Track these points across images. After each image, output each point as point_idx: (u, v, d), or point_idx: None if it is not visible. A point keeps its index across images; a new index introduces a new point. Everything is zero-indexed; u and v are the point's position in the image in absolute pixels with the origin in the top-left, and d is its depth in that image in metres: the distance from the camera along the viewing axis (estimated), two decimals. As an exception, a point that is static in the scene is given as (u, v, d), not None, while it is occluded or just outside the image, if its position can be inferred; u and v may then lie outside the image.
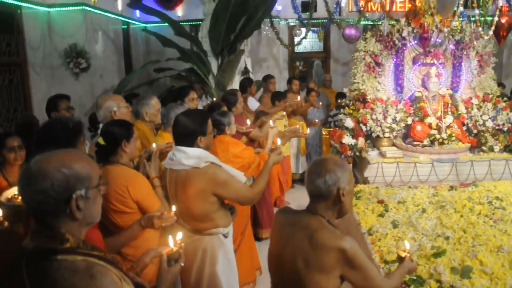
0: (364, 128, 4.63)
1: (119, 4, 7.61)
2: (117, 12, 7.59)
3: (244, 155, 3.40)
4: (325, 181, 1.80)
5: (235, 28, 6.66)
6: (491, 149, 4.51)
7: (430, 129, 4.52)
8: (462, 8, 3.92)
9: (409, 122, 4.68)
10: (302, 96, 6.65)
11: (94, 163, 1.39)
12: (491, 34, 4.28)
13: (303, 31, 8.73)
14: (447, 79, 4.88)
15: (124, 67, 7.99)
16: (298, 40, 8.88)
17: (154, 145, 2.79)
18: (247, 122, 4.16)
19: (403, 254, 2.04)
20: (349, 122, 4.59)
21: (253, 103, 5.82)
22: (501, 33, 4.34)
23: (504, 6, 4.26)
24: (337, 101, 6.67)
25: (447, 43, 4.73)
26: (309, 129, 6.37)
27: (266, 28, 8.67)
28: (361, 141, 4.52)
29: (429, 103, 4.66)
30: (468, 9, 4.70)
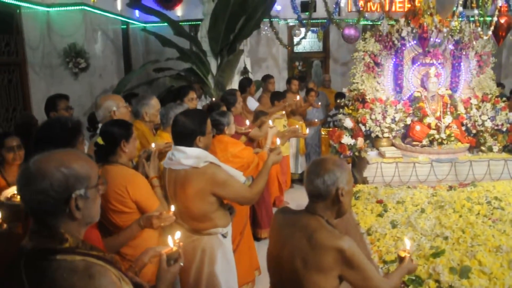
0: (363, 128, 4.63)
1: (119, 4, 7.61)
2: (117, 12, 7.59)
3: (243, 155, 3.40)
4: (324, 181, 1.80)
5: (234, 28, 6.66)
6: (490, 149, 4.51)
7: (429, 129, 4.52)
8: (461, 8, 3.93)
9: (408, 122, 4.69)
10: (301, 96, 6.66)
11: (93, 163, 1.39)
12: (490, 34, 4.29)
13: (302, 31, 8.73)
14: (446, 79, 4.88)
15: (123, 67, 7.99)
16: (297, 40, 8.89)
17: (153, 145, 2.79)
18: (246, 123, 4.17)
19: (403, 254, 2.03)
20: (348, 122, 4.60)
21: (253, 103, 5.82)
22: (500, 33, 4.35)
23: (503, 6, 4.26)
24: (336, 101, 6.67)
25: (446, 43, 4.73)
26: (308, 129, 6.38)
27: (266, 28, 8.68)
28: (360, 141, 4.52)
29: (428, 103, 4.66)
30: (467, 9, 4.71)
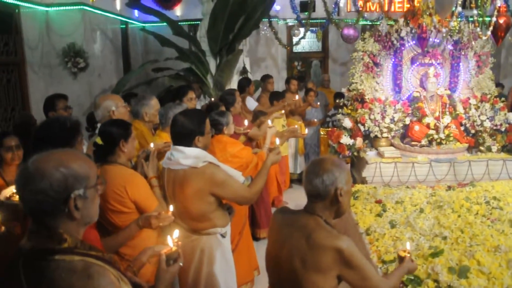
0: (362, 128, 4.63)
1: (118, 3, 7.60)
2: (116, 11, 7.58)
3: (242, 155, 3.40)
4: (323, 181, 1.80)
5: (233, 28, 6.66)
6: (488, 149, 4.52)
7: (428, 129, 4.53)
8: (460, 9, 3.94)
9: (407, 122, 4.69)
10: (300, 96, 6.66)
11: (92, 163, 1.39)
12: (489, 34, 4.30)
13: (301, 31, 8.73)
14: (445, 79, 4.89)
15: (122, 66, 7.98)
16: (296, 40, 8.89)
17: (152, 145, 2.79)
18: (245, 123, 4.16)
19: (403, 254, 2.03)
20: (347, 122, 4.60)
21: (252, 103, 5.82)
22: (499, 34, 4.35)
23: (502, 6, 4.27)
24: (335, 101, 6.67)
25: (445, 43, 4.74)
26: (307, 129, 6.38)
27: (265, 28, 8.68)
28: (359, 141, 4.52)
29: (427, 103, 4.67)
30: (466, 10, 4.71)
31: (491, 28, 4.22)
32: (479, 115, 4.66)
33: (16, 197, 2.11)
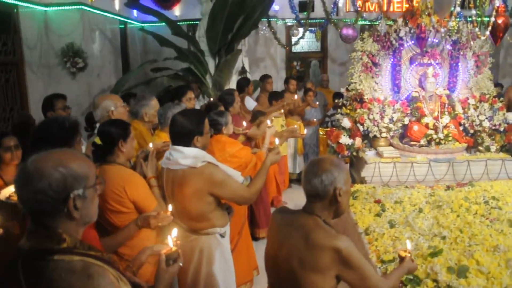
0: (361, 128, 4.64)
1: (117, 3, 7.59)
2: (115, 11, 7.57)
3: (241, 155, 3.40)
4: (322, 181, 1.80)
5: (232, 27, 6.66)
6: (487, 149, 4.53)
7: (427, 129, 4.53)
8: (459, 9, 3.94)
9: (406, 122, 4.70)
10: (299, 96, 6.66)
11: (91, 163, 1.39)
12: (487, 34, 4.30)
13: (300, 31, 8.74)
14: (444, 79, 4.89)
15: (121, 66, 7.97)
16: (295, 40, 8.89)
17: (150, 145, 2.79)
18: (243, 124, 4.16)
19: (403, 254, 2.02)
20: (346, 122, 4.60)
21: (251, 103, 5.82)
22: (498, 34, 4.36)
23: (501, 6, 4.28)
24: (334, 101, 6.68)
25: (444, 43, 4.74)
26: (306, 130, 6.38)
27: (264, 28, 8.68)
28: (358, 141, 4.53)
29: (426, 103, 4.67)
30: (465, 10, 4.71)
31: (489, 28, 4.22)
32: (478, 115, 4.66)
33: (15, 197, 2.11)
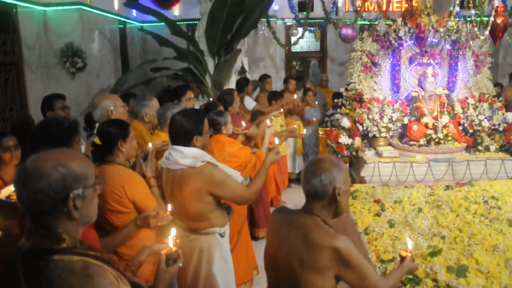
0: (360, 127, 4.64)
1: (116, 3, 7.58)
2: (114, 11, 7.56)
3: (240, 155, 3.40)
4: (321, 181, 1.80)
5: (231, 27, 6.66)
6: (487, 148, 4.53)
7: (427, 129, 4.54)
8: (458, 8, 3.94)
9: (406, 121, 4.70)
10: (298, 95, 6.66)
11: (90, 162, 1.39)
12: (487, 34, 4.30)
13: (299, 30, 8.74)
14: (443, 79, 4.90)
15: (120, 66, 7.96)
16: (294, 39, 8.90)
17: (150, 145, 2.79)
18: (242, 124, 4.16)
19: (404, 254, 2.01)
20: (345, 122, 4.60)
21: (250, 103, 5.82)
22: (497, 33, 4.36)
23: (500, 6, 4.28)
24: (334, 101, 6.68)
25: (443, 43, 4.74)
26: (305, 130, 6.37)
27: (263, 27, 8.68)
28: (357, 141, 4.53)
29: (426, 103, 4.68)
30: (464, 9, 4.72)
31: (489, 28, 4.22)
32: (477, 114, 4.67)
33: (15, 196, 2.11)
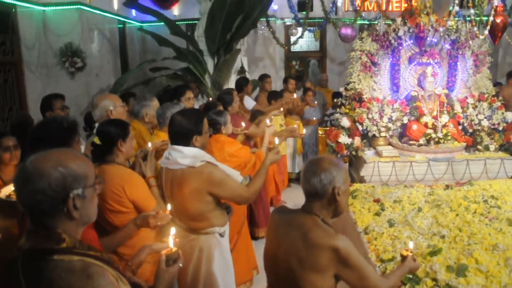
0: (360, 127, 4.64)
1: (115, 3, 7.58)
2: (113, 11, 7.56)
3: (239, 154, 3.40)
4: (321, 180, 1.80)
5: (231, 27, 6.66)
6: (486, 148, 4.53)
7: (426, 128, 4.54)
8: (457, 8, 3.94)
9: (405, 121, 4.70)
10: (298, 95, 6.66)
11: (90, 162, 1.39)
12: (486, 33, 4.30)
13: (299, 30, 8.75)
14: (443, 79, 4.89)
15: (120, 66, 7.96)
16: (294, 39, 8.89)
17: (149, 144, 2.79)
18: (242, 124, 4.16)
19: (405, 253, 2.01)
20: (345, 122, 4.60)
21: (249, 102, 5.82)
22: (496, 33, 4.36)
23: (499, 6, 4.28)
24: (334, 101, 6.69)
25: (442, 43, 4.74)
26: (305, 129, 6.38)
27: (262, 27, 8.68)
28: (357, 140, 4.52)
29: (425, 102, 4.68)
30: (464, 9, 4.72)
31: (488, 27, 4.22)
32: (476, 114, 4.67)
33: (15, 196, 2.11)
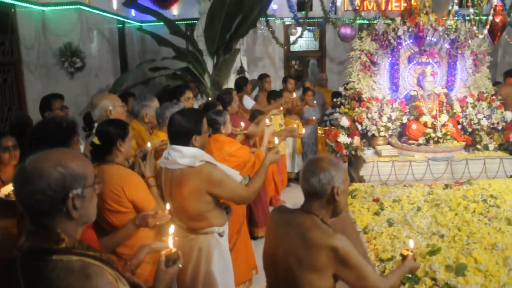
0: (359, 127, 4.64)
1: (114, 3, 7.58)
2: (112, 11, 7.56)
3: (239, 154, 3.40)
4: (320, 180, 1.80)
5: (230, 27, 6.65)
6: (485, 147, 4.53)
7: (425, 128, 4.54)
8: (456, 7, 3.93)
9: (405, 121, 4.70)
10: (298, 95, 6.67)
11: (89, 162, 1.39)
12: (485, 33, 4.30)
13: (298, 30, 8.75)
14: (442, 78, 4.90)
15: (119, 66, 7.96)
16: (293, 39, 8.89)
17: (149, 144, 2.79)
18: (242, 125, 4.16)
19: (406, 253, 2.01)
20: (344, 121, 4.60)
21: (249, 102, 5.82)
22: (496, 32, 4.35)
23: (499, 5, 4.27)
24: (333, 100, 6.69)
25: (442, 42, 4.74)
26: (304, 129, 6.39)
27: (262, 27, 8.69)
28: (356, 140, 4.52)
29: (424, 102, 4.68)
30: (463, 8, 4.72)
31: (487, 26, 4.22)
32: (476, 113, 4.67)
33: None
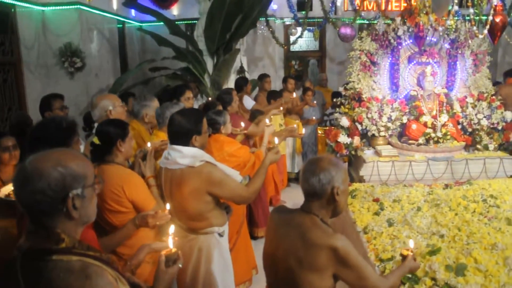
0: (359, 127, 4.64)
1: (114, 3, 7.58)
2: (112, 11, 7.56)
3: (239, 154, 3.40)
4: (320, 180, 1.80)
5: (230, 27, 6.66)
6: (485, 147, 4.53)
7: (425, 128, 4.54)
8: (456, 7, 3.94)
9: (405, 121, 4.70)
10: (298, 95, 6.67)
11: (89, 162, 1.39)
12: (485, 33, 4.30)
13: (298, 30, 8.75)
14: (442, 78, 4.90)
15: (119, 66, 7.96)
16: (293, 39, 8.90)
17: (149, 144, 2.79)
18: (241, 125, 4.16)
19: (406, 253, 2.00)
20: (344, 121, 4.60)
21: (249, 102, 5.82)
22: (496, 32, 4.35)
23: (499, 5, 4.27)
24: (333, 100, 6.69)
25: (442, 42, 4.74)
26: (304, 129, 6.38)
27: (262, 27, 8.69)
28: (356, 140, 4.53)
29: (424, 102, 4.68)
30: (463, 8, 4.72)
31: (487, 26, 4.22)
32: (476, 113, 4.67)
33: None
